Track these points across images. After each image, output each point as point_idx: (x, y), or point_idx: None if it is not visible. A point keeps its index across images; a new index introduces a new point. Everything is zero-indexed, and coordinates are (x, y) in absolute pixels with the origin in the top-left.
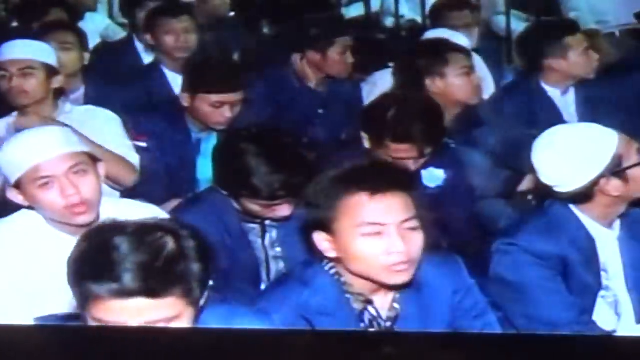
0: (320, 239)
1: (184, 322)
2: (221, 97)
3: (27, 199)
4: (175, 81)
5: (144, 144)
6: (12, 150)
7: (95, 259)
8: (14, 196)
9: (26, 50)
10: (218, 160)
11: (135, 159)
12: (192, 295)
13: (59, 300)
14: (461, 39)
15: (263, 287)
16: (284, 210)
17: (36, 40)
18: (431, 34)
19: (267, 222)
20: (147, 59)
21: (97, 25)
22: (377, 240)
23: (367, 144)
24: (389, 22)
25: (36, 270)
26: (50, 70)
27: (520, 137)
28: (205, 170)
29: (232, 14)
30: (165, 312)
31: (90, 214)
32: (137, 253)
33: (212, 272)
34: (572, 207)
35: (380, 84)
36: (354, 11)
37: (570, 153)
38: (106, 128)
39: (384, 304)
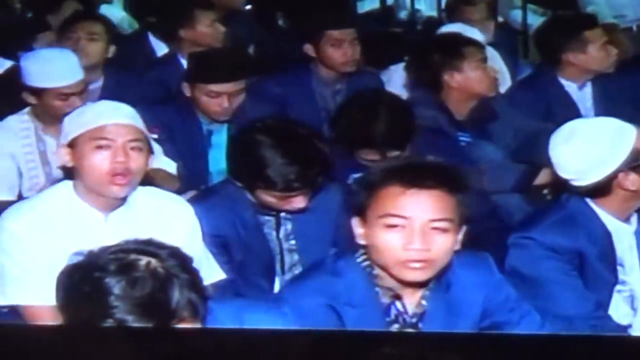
0: (356, 225)
1: None
2: (217, 86)
3: (75, 158)
4: None
5: (155, 136)
6: (84, 109)
7: (92, 306)
8: (63, 155)
9: (74, 73)
10: (233, 151)
11: (172, 166)
12: (198, 313)
13: None
14: (476, 34)
15: (277, 280)
16: (299, 202)
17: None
18: (447, 29)
19: (282, 215)
20: (161, 51)
21: (113, 18)
22: (397, 234)
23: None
24: (404, 15)
25: (64, 242)
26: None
27: (536, 131)
28: (216, 162)
29: (248, 7)
30: None
31: (126, 187)
32: (133, 293)
33: (226, 263)
34: (589, 201)
35: (395, 77)
36: (369, 5)
37: (589, 146)
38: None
39: (412, 300)
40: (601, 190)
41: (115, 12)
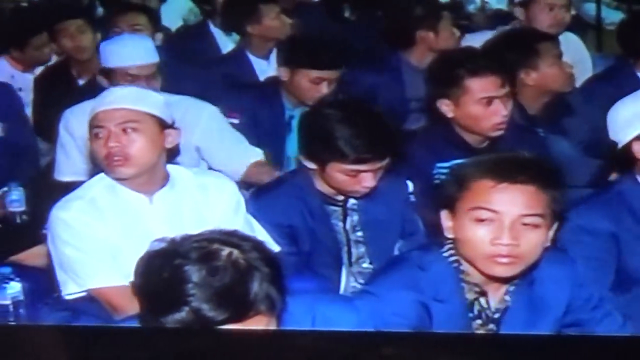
0: (445, 218)
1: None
2: (322, 73)
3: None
4: (260, 66)
5: (235, 121)
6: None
7: (170, 293)
8: (88, 145)
9: (148, 53)
10: (305, 127)
11: (259, 154)
12: (275, 308)
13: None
14: None
15: (344, 271)
16: (369, 179)
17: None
18: None
19: (349, 205)
20: (223, 42)
21: (180, 8)
22: (486, 228)
23: (448, 110)
24: (472, 8)
25: (115, 227)
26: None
27: None
28: (295, 147)
29: None
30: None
31: (126, 167)
32: (212, 282)
33: (293, 254)
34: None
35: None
36: None
37: (629, 105)
38: (214, 124)
39: (495, 295)
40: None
41: (182, 3)
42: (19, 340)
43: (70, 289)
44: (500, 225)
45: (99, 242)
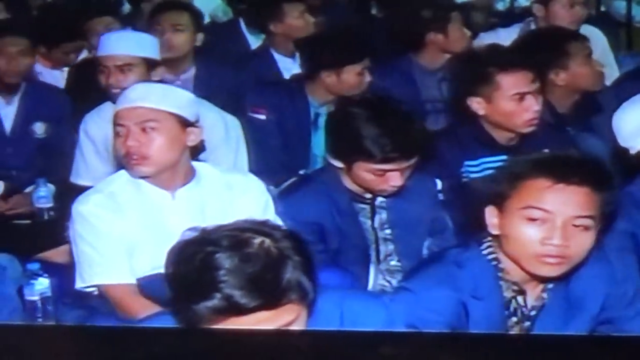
0: (491, 214)
1: (300, 324)
2: (363, 63)
3: None
4: (285, 64)
5: (262, 117)
6: None
7: (202, 280)
8: (108, 147)
9: (124, 45)
10: (331, 126)
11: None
12: (307, 298)
13: (153, 252)
14: None
15: (372, 268)
16: (396, 179)
17: (138, 32)
18: None
19: (377, 203)
20: (253, 40)
21: (208, 5)
22: (537, 227)
23: (480, 108)
24: (501, 6)
25: (133, 221)
26: (150, 63)
27: None
28: (322, 145)
29: None
30: (283, 319)
31: (145, 167)
32: (244, 268)
33: (321, 252)
34: None
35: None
36: None
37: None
38: (210, 133)
39: (532, 293)
40: None
41: (210, 1)
42: (18, 340)
43: (80, 284)
44: (552, 226)
45: (113, 237)
